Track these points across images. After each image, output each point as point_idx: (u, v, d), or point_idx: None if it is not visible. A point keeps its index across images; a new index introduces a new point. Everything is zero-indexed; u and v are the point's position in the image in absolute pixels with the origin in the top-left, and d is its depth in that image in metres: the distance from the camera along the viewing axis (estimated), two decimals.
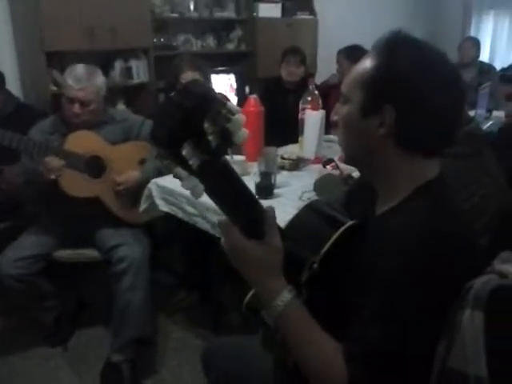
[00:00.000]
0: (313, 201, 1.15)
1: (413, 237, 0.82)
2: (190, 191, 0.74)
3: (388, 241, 0.84)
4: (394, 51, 0.88)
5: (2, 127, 1.94)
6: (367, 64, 0.90)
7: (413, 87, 0.86)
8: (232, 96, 3.97)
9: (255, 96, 2.33)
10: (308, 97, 2.39)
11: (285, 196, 1.89)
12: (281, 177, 2.07)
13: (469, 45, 4.58)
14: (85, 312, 2.43)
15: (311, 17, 4.71)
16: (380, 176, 0.94)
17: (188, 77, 2.39)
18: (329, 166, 1.94)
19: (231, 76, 4.10)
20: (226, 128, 0.71)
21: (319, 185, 1.82)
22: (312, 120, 2.33)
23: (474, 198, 1.40)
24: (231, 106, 0.72)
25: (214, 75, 3.58)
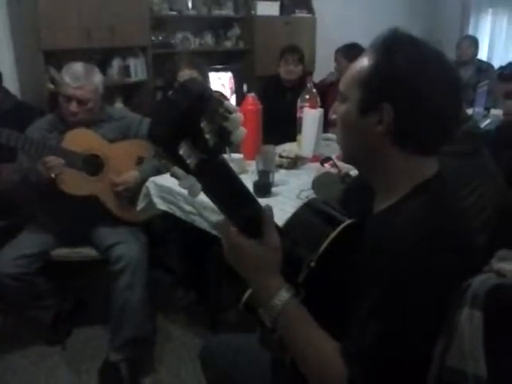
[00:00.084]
0: (310, 199, 1.15)
1: (411, 235, 0.82)
2: (188, 190, 0.74)
3: (386, 239, 0.84)
4: (392, 50, 0.87)
5: (0, 125, 1.93)
6: (365, 62, 0.90)
7: (411, 86, 0.85)
8: (230, 94, 3.97)
9: (253, 94, 2.33)
10: (306, 95, 2.39)
11: (283, 194, 1.89)
12: (279, 175, 2.08)
13: (467, 43, 4.58)
14: (82, 311, 2.42)
15: (309, 15, 4.72)
16: (378, 174, 0.94)
17: (186, 75, 2.39)
18: (327, 165, 1.94)
19: (229, 74, 4.09)
20: (224, 127, 0.71)
21: (317, 183, 1.82)
22: (310, 118, 2.33)
23: (472, 197, 1.40)
24: (228, 105, 0.72)
25: (212, 73, 3.57)
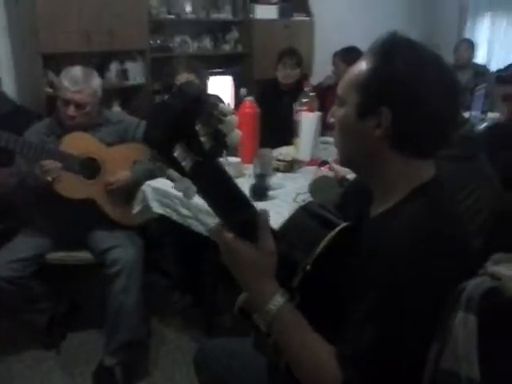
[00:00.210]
0: (307, 203, 1.15)
1: (409, 239, 0.82)
2: (183, 193, 0.74)
3: (383, 243, 0.84)
4: (391, 53, 0.87)
5: None
6: (363, 66, 0.90)
7: (409, 89, 0.86)
8: (229, 98, 3.97)
9: (251, 98, 2.33)
10: (304, 98, 2.39)
11: (279, 198, 1.89)
12: (276, 178, 2.08)
13: (464, 47, 4.60)
14: (77, 314, 2.41)
15: (307, 18, 4.73)
16: (376, 178, 0.94)
17: (184, 79, 2.39)
18: (324, 168, 1.93)
19: (228, 78, 4.10)
20: (219, 129, 0.71)
21: (314, 187, 1.82)
22: (308, 122, 2.33)
23: (469, 200, 1.40)
24: (223, 108, 0.72)
25: (211, 77, 3.57)
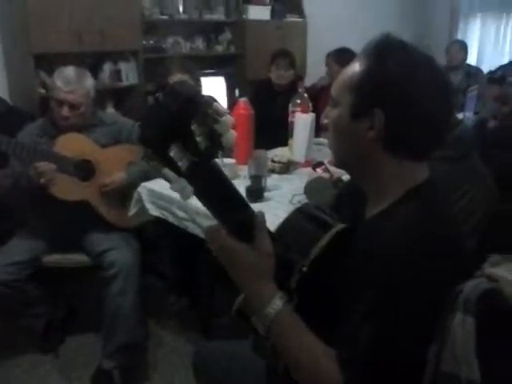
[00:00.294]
0: (303, 204, 1.15)
1: (403, 241, 0.82)
2: (179, 193, 0.74)
3: (378, 244, 0.84)
4: (384, 55, 0.88)
5: None
6: (357, 67, 0.91)
7: (402, 91, 0.86)
8: (222, 98, 3.97)
9: (245, 99, 2.33)
10: (297, 100, 2.40)
11: (275, 199, 1.89)
12: (271, 180, 2.08)
13: (456, 48, 4.63)
14: (74, 318, 2.40)
15: (300, 19, 4.73)
16: (369, 179, 0.95)
17: (177, 79, 2.38)
18: (319, 169, 1.94)
19: (220, 78, 4.09)
20: (214, 129, 0.71)
21: (309, 188, 1.82)
22: (302, 123, 2.33)
23: (463, 201, 1.41)
24: (218, 107, 0.72)
25: (204, 78, 3.57)
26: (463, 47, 4.67)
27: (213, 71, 4.10)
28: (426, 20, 5.91)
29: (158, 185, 1.98)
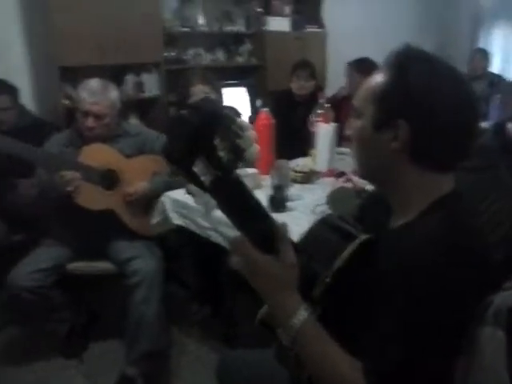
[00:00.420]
0: (326, 215, 1.15)
1: (429, 252, 0.82)
2: (202, 207, 0.75)
3: (403, 256, 0.84)
4: (405, 66, 0.88)
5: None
6: (379, 79, 0.91)
7: (425, 103, 0.86)
8: (245, 109, 3.99)
9: (266, 109, 2.35)
10: (319, 110, 2.40)
11: (298, 209, 1.89)
12: (293, 190, 2.07)
13: (479, 56, 4.58)
14: (96, 325, 2.43)
15: (320, 30, 4.74)
16: (394, 190, 0.95)
17: (199, 90, 2.41)
18: (341, 179, 1.93)
19: (242, 89, 4.12)
20: (237, 144, 0.73)
21: (332, 198, 1.82)
22: (324, 133, 2.33)
23: (489, 212, 1.39)
24: (241, 122, 0.74)
25: (226, 88, 3.60)
26: (486, 56, 4.62)
27: (234, 82, 4.13)
28: (448, 29, 5.86)
29: (182, 195, 2.01)
